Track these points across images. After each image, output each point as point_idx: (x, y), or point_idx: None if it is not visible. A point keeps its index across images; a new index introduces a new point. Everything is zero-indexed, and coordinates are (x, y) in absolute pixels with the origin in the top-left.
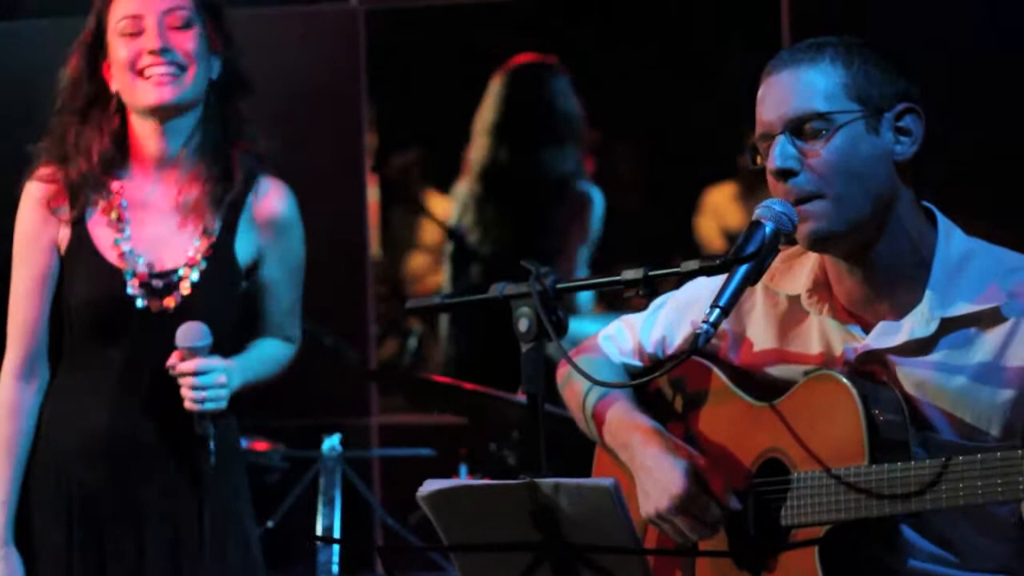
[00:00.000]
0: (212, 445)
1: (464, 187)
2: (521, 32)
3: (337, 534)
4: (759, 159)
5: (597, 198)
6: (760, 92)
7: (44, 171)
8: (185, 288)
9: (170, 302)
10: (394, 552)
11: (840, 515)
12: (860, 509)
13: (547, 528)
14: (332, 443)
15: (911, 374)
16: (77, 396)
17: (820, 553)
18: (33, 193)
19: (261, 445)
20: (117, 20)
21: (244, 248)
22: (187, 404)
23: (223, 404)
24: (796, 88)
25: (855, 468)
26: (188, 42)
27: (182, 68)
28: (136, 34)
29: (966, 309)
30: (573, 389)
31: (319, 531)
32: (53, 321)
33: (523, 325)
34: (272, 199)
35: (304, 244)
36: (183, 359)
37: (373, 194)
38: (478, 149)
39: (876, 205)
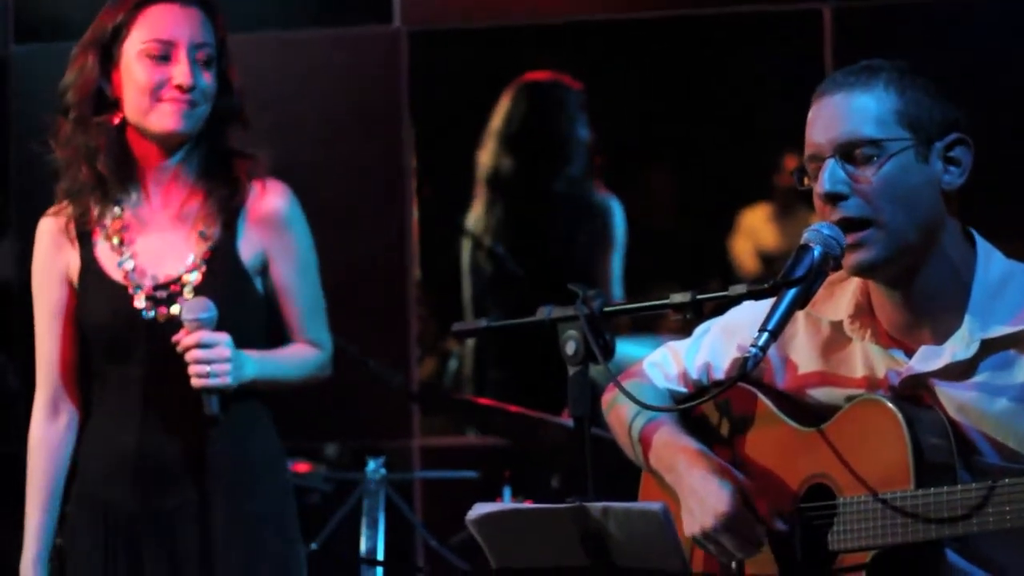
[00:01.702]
0: (220, 422)
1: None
2: (562, 54)
3: (381, 556)
4: (807, 180)
5: (615, 207)
6: (811, 113)
7: (54, 208)
8: (188, 293)
9: (176, 309)
10: (439, 574)
11: (887, 539)
12: (907, 533)
13: (596, 552)
14: (376, 465)
15: (954, 398)
16: (106, 420)
17: None
18: (42, 229)
19: (303, 467)
20: (144, 39)
21: (247, 249)
22: (192, 380)
23: (229, 380)
24: (848, 112)
25: (901, 492)
26: (209, 80)
27: (198, 103)
28: (162, 58)
29: (1005, 330)
30: (619, 414)
31: (363, 553)
32: (83, 352)
33: (570, 348)
34: (269, 198)
35: (311, 242)
36: (188, 334)
37: (414, 215)
38: (486, 153)
39: (923, 233)
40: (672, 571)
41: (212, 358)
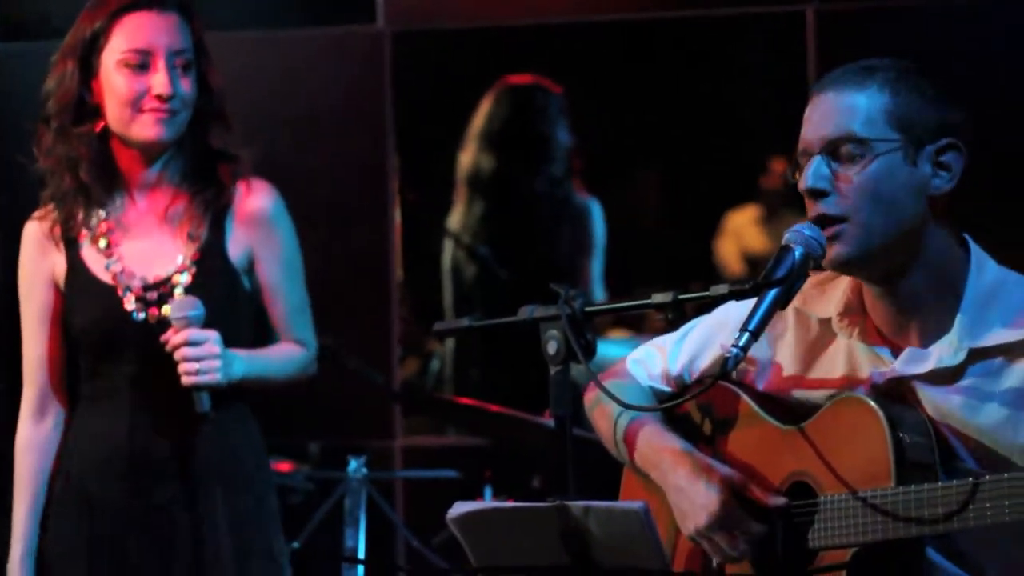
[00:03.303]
0: (210, 419)
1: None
2: (546, 56)
3: (361, 555)
4: (797, 175)
5: (595, 209)
6: (807, 110)
7: (39, 211)
8: (178, 293)
9: (166, 310)
10: (420, 573)
11: (867, 537)
12: (887, 530)
13: (577, 551)
14: (358, 464)
15: (937, 403)
16: (95, 421)
17: None
18: (28, 233)
19: (284, 466)
20: (122, 49)
21: (234, 248)
22: (183, 379)
23: (219, 377)
24: (838, 109)
25: (882, 490)
26: (188, 86)
27: (178, 111)
28: (140, 67)
29: (996, 340)
30: (603, 412)
31: (345, 552)
32: (69, 354)
33: (552, 348)
34: (255, 197)
35: (296, 241)
36: (176, 332)
37: (397, 216)
38: (467, 155)
39: (902, 235)
40: (653, 570)
41: (201, 355)
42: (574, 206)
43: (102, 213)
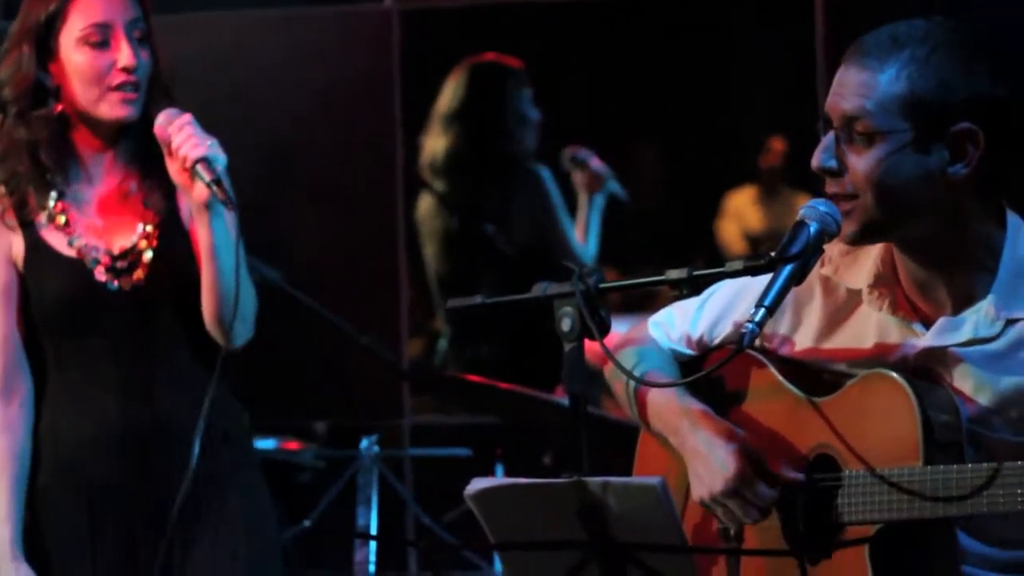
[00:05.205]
0: (225, 184)
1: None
2: (554, 33)
3: (374, 532)
4: (821, 134)
5: (545, 174)
6: (836, 74)
7: None
8: (147, 257)
9: (139, 274)
10: (436, 549)
11: (893, 514)
12: (914, 509)
13: (594, 527)
14: (370, 443)
15: (971, 372)
16: (78, 397)
17: (871, 552)
18: None
19: (293, 445)
20: (81, 27)
21: (185, 211)
22: (192, 152)
23: (224, 155)
24: (855, 88)
25: (909, 468)
26: (147, 58)
27: (141, 85)
28: (102, 44)
29: None
30: (620, 377)
31: (357, 530)
32: (28, 333)
33: (566, 324)
34: None
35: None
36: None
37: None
38: (431, 137)
39: (915, 214)
40: (671, 545)
41: (206, 137)
42: (528, 174)
43: (55, 194)
